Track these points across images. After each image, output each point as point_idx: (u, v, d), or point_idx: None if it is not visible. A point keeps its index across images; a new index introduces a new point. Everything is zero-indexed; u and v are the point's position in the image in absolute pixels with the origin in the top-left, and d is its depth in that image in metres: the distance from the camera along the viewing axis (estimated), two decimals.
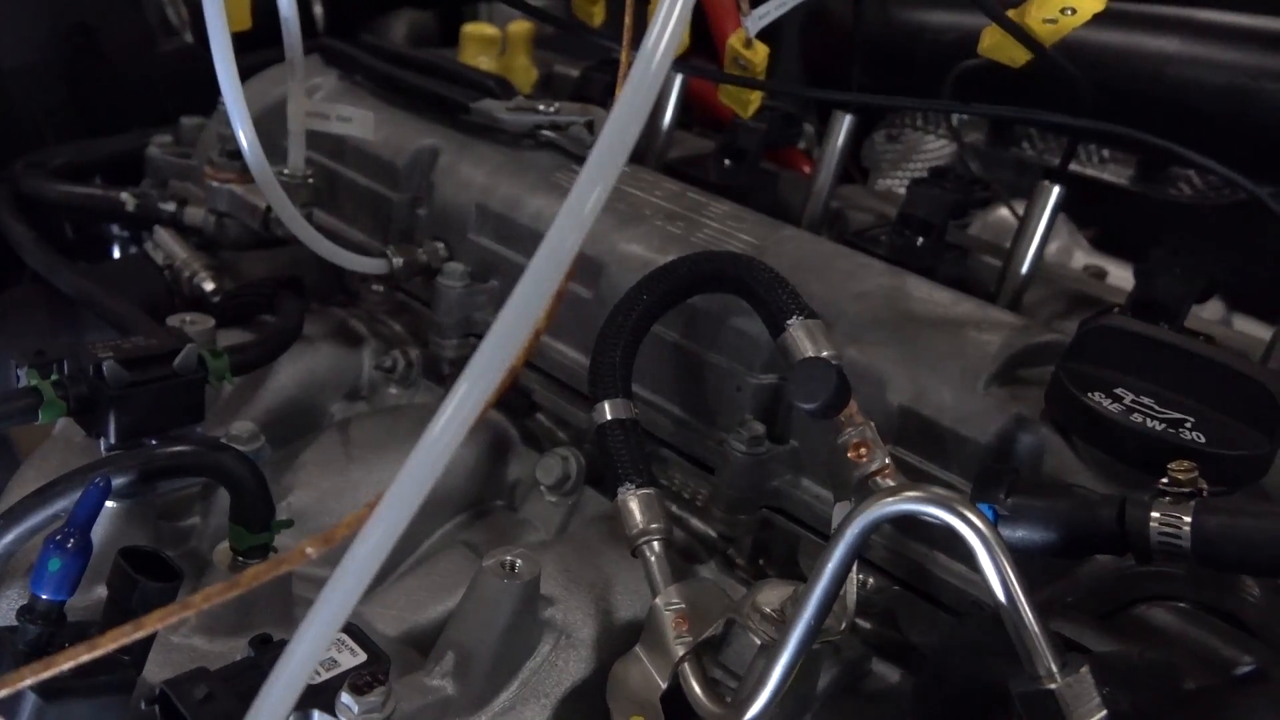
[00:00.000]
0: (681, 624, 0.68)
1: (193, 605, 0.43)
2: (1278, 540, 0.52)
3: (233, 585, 0.44)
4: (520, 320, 0.43)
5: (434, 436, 0.43)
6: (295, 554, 0.44)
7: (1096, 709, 0.52)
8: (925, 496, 0.55)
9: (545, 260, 0.43)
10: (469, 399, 0.43)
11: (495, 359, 0.43)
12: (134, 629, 0.43)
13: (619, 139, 0.43)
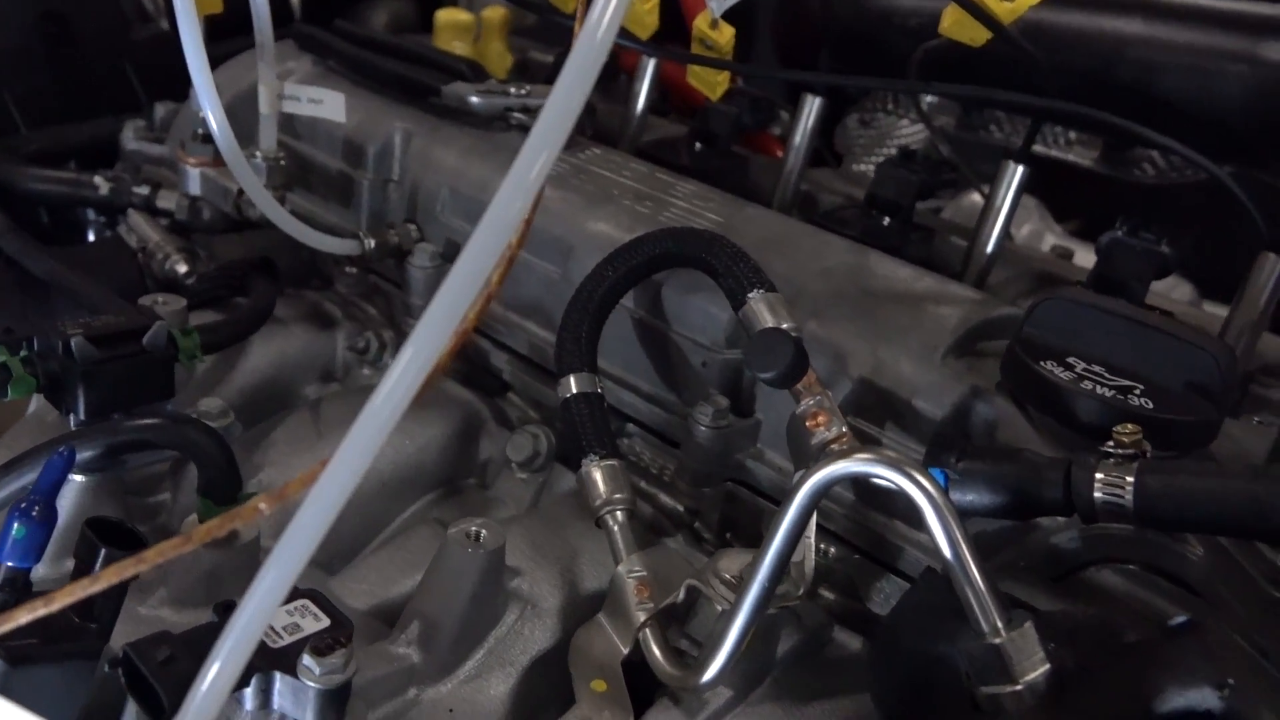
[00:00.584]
0: (643, 591, 0.69)
1: (147, 560, 0.44)
2: (1216, 497, 0.54)
3: (186, 540, 0.45)
4: (468, 281, 0.44)
5: (383, 396, 0.44)
6: (248, 509, 0.45)
7: (1040, 662, 0.53)
8: (875, 458, 0.56)
9: (491, 225, 0.44)
10: (417, 359, 0.44)
11: (443, 320, 0.44)
12: (90, 583, 0.44)
13: (565, 105, 0.44)
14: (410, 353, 0.44)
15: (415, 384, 0.44)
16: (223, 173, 1.06)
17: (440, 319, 0.44)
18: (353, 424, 0.44)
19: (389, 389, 0.44)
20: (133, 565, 0.44)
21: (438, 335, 0.44)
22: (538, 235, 0.94)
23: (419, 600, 0.71)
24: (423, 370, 0.44)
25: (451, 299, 0.44)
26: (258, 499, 0.45)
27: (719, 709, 0.67)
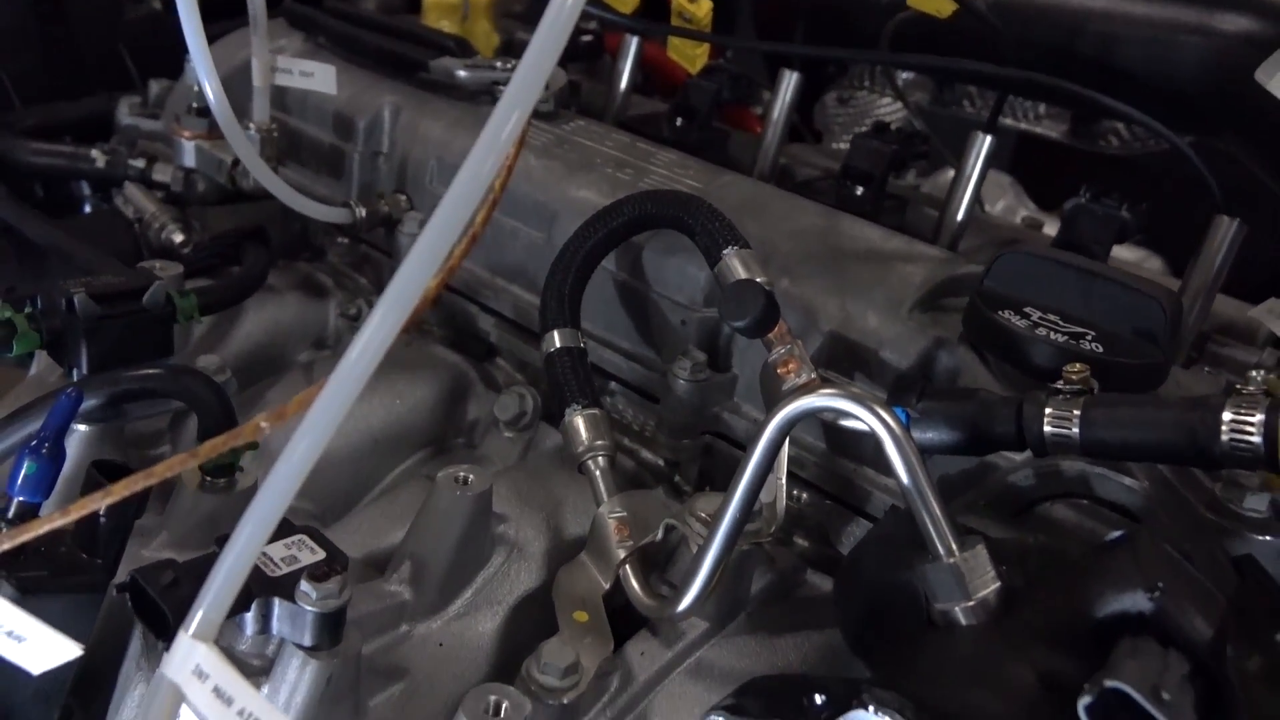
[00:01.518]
0: (623, 530, 0.73)
1: (156, 474, 0.48)
2: (1154, 425, 0.58)
3: (192, 455, 0.48)
4: (454, 216, 0.48)
5: (376, 321, 0.47)
6: (250, 427, 0.48)
7: (991, 580, 0.57)
8: (839, 393, 0.60)
9: (466, 180, 0.47)
10: (409, 286, 0.47)
11: (432, 251, 0.47)
12: (104, 495, 0.47)
13: (536, 65, 0.47)
14: (402, 280, 0.47)
15: (409, 308, 0.48)
16: (217, 145, 1.09)
17: (429, 250, 0.47)
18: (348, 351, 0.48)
19: (384, 311, 0.47)
20: (142, 479, 0.47)
21: (427, 266, 0.47)
22: (522, 201, 0.97)
23: (410, 542, 0.74)
24: (413, 299, 0.48)
25: (440, 230, 0.47)
26: (260, 417, 0.49)
27: (695, 640, 0.71)
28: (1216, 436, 0.56)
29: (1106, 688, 0.46)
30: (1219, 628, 0.48)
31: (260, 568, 0.62)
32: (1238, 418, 0.55)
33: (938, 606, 0.58)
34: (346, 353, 0.47)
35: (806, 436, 0.82)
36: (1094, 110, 1.15)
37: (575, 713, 0.63)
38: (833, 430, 0.80)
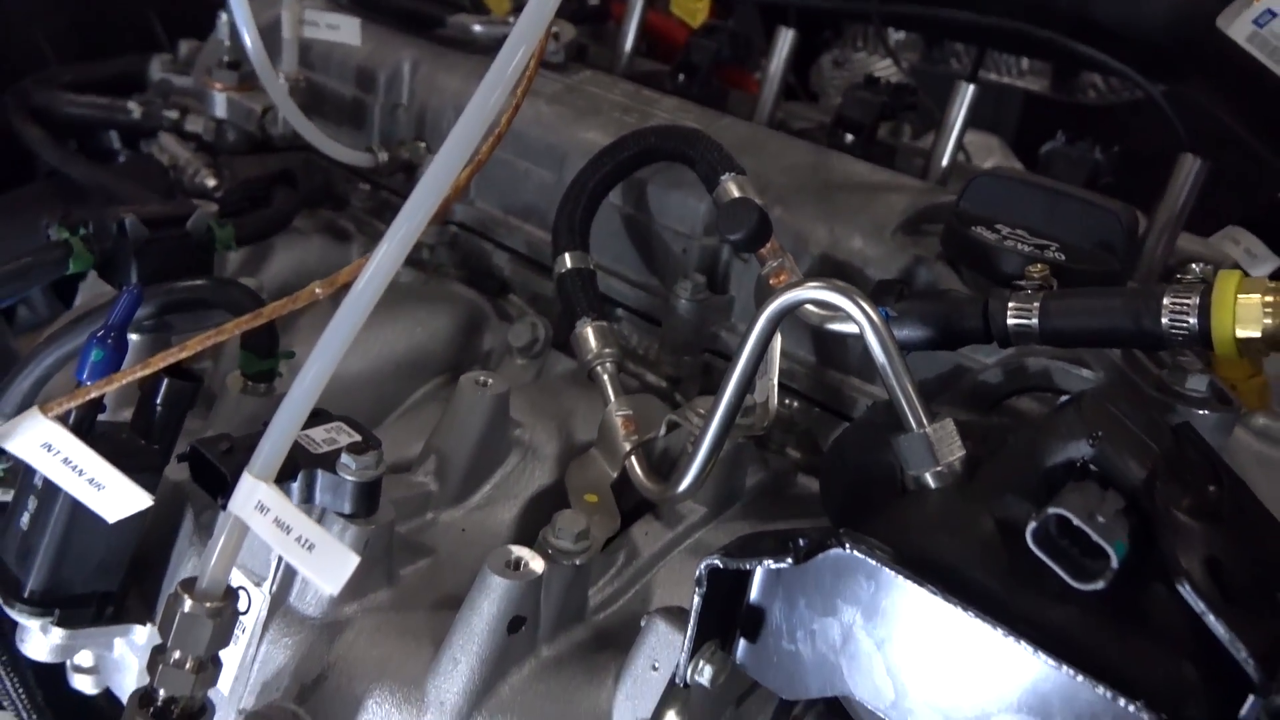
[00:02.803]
0: (629, 425, 0.80)
1: (225, 332, 0.55)
2: (1103, 311, 0.65)
3: (257, 316, 0.55)
4: (470, 131, 0.55)
5: (411, 208, 0.55)
6: (306, 292, 0.56)
7: (958, 449, 0.64)
8: (824, 285, 0.67)
9: (475, 110, 0.54)
10: (432, 188, 0.54)
11: (451, 161, 0.54)
12: (179, 350, 0.54)
13: (541, 7, 0.54)
14: (426, 181, 0.54)
15: (437, 199, 0.55)
16: (246, 96, 1.16)
17: (450, 159, 0.54)
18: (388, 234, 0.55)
19: (414, 204, 0.55)
20: (214, 336, 0.54)
21: (447, 173, 0.54)
22: (534, 144, 1.04)
23: (436, 439, 0.81)
24: (439, 193, 0.55)
25: (459, 141, 0.54)
26: (314, 284, 0.56)
27: (694, 523, 0.78)
28: (1158, 319, 0.63)
29: (1049, 514, 0.53)
30: (1151, 471, 0.55)
31: (304, 445, 0.69)
32: (1176, 300, 0.62)
33: (909, 473, 0.65)
34: (387, 234, 0.54)
35: (799, 351, 0.89)
36: (1073, 61, 1.22)
37: (586, 578, 0.71)
38: (821, 343, 0.87)
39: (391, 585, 0.71)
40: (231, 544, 0.56)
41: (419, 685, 0.65)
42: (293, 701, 0.66)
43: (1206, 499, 0.57)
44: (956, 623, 0.55)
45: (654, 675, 0.65)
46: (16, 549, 0.71)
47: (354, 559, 0.54)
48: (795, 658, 0.63)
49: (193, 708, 0.57)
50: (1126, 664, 0.52)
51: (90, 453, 0.59)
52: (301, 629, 0.68)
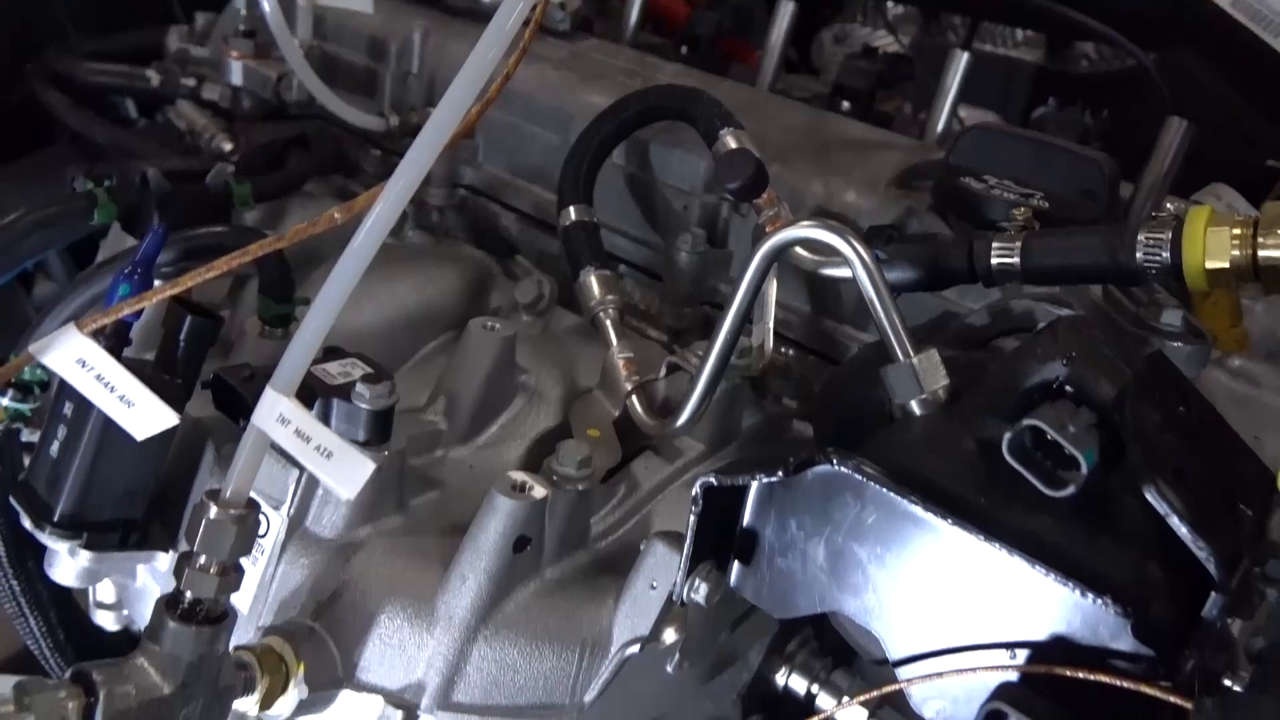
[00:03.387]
0: (630, 367, 0.83)
1: (250, 253, 0.58)
2: (1085, 249, 0.68)
3: (280, 239, 0.59)
4: (470, 84, 0.58)
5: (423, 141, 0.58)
6: (325, 218, 0.59)
7: (943, 378, 0.67)
8: (817, 224, 0.70)
9: (477, 59, 0.58)
10: (441, 125, 0.58)
11: (455, 107, 0.58)
12: (206, 270, 0.58)
13: None
14: (437, 119, 0.58)
15: (455, 120, 0.58)
16: (262, 64, 1.20)
17: (453, 105, 0.58)
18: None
19: (429, 133, 0.58)
20: (239, 257, 0.58)
21: (452, 117, 0.58)
22: (540, 108, 1.08)
23: (446, 380, 0.85)
24: (449, 127, 0.58)
25: (462, 90, 0.57)
26: (333, 210, 0.59)
27: (692, 459, 0.81)
28: (1133, 253, 0.66)
29: (1024, 426, 0.56)
30: (1121, 390, 0.58)
31: (320, 377, 0.72)
32: (1150, 235, 0.65)
33: (896, 401, 0.68)
34: (398, 168, 0.58)
35: (794, 301, 0.92)
36: (1066, 30, 1.25)
37: (588, 504, 0.74)
38: (816, 291, 0.90)
39: (402, 512, 0.75)
40: (254, 456, 0.59)
41: (429, 601, 0.69)
42: (309, 618, 0.70)
43: (1175, 417, 0.60)
44: (937, 533, 0.58)
45: (652, 594, 0.69)
46: (47, 476, 0.74)
47: (370, 465, 0.58)
48: (786, 577, 0.66)
49: (216, 611, 0.61)
50: (1096, 565, 0.55)
51: (121, 370, 0.62)
52: (317, 550, 0.72)
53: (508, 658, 0.69)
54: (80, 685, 0.57)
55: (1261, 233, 0.61)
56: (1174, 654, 0.54)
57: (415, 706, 0.68)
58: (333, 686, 0.68)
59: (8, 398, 0.84)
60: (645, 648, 0.69)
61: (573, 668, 0.70)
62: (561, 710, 0.70)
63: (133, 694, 0.58)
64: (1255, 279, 0.62)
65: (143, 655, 0.60)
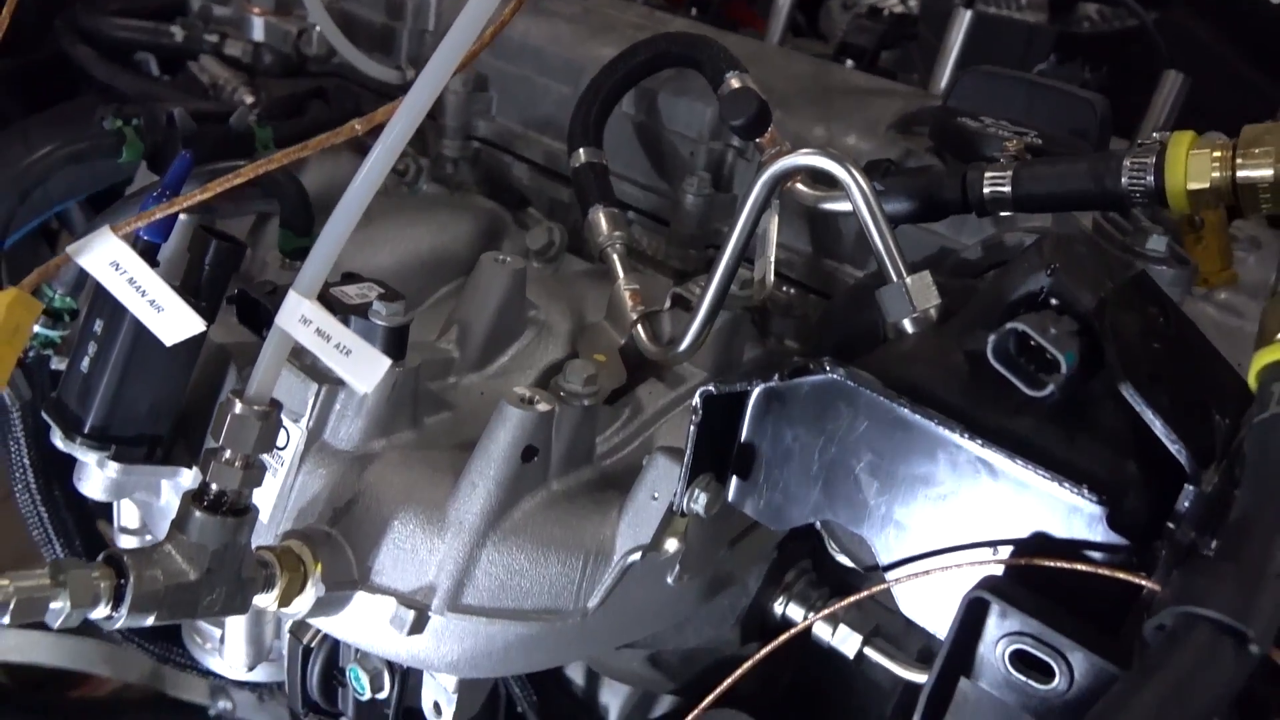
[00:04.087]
0: (637, 299, 0.86)
1: (275, 161, 0.61)
2: (1072, 176, 0.70)
3: (303, 148, 0.62)
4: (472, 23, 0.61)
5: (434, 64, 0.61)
6: (346, 128, 0.62)
7: (935, 297, 0.70)
8: (816, 152, 0.73)
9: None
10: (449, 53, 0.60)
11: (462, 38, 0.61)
12: (235, 175, 0.61)
13: None
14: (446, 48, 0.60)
15: (467, 45, 0.61)
16: (283, 20, 1.23)
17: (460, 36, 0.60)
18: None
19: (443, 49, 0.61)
20: (265, 164, 0.61)
21: (458, 49, 0.60)
22: (551, 60, 1.11)
23: (458, 310, 0.88)
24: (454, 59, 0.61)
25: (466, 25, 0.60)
26: (353, 121, 0.62)
27: (694, 385, 0.84)
28: (1119, 178, 0.68)
29: (1007, 329, 0.59)
30: (1101, 299, 0.61)
31: (338, 297, 0.76)
32: (1135, 160, 0.68)
33: (889, 321, 0.71)
34: (420, 75, 0.61)
35: (797, 243, 0.95)
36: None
37: (594, 420, 0.77)
38: (817, 231, 0.93)
39: (416, 428, 0.78)
40: (277, 355, 0.63)
41: (440, 508, 0.72)
42: (326, 524, 0.73)
43: (1155, 329, 0.63)
44: (924, 436, 0.61)
45: (654, 505, 0.72)
46: (77, 391, 0.78)
47: (385, 361, 0.61)
48: (782, 489, 0.69)
49: (240, 503, 0.64)
50: (1074, 461, 0.58)
51: (153, 275, 0.65)
52: (335, 461, 0.75)
53: (515, 563, 0.72)
54: (112, 567, 0.61)
55: (1240, 153, 0.64)
56: (1148, 545, 0.57)
57: (426, 608, 0.71)
58: (348, 588, 0.72)
59: (39, 324, 0.87)
60: (646, 557, 0.72)
61: (577, 574, 0.73)
62: (566, 615, 0.73)
63: (160, 578, 0.62)
64: (1234, 200, 0.64)
65: (170, 543, 0.63)
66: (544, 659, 0.76)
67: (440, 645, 0.72)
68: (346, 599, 0.72)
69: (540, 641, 0.74)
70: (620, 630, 0.79)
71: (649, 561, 0.73)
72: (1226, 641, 0.45)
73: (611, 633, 0.78)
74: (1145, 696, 0.46)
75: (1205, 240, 0.85)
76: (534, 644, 0.74)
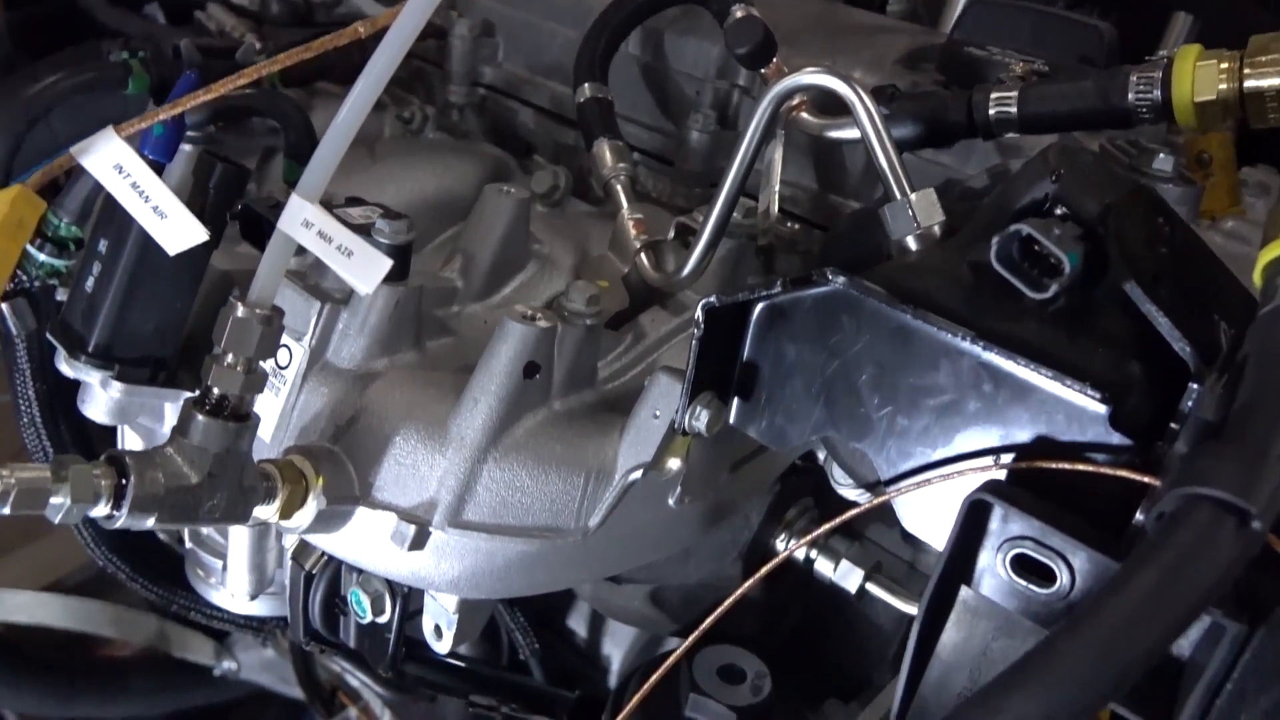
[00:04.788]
0: (640, 228, 0.86)
1: (279, 62, 0.61)
2: (1078, 94, 0.70)
3: (307, 49, 0.62)
4: None
5: None
6: (349, 30, 0.62)
7: (938, 214, 0.70)
8: (820, 70, 0.73)
9: None
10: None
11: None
12: (238, 76, 0.61)
13: None
14: None
15: None
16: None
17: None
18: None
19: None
20: (268, 65, 0.61)
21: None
22: (559, 3, 1.11)
23: (462, 240, 0.88)
24: None
25: None
26: (356, 24, 0.62)
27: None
28: (1125, 94, 0.68)
29: (1011, 231, 0.58)
30: (1106, 206, 0.60)
31: (342, 218, 0.76)
32: (1141, 75, 0.67)
33: (893, 239, 0.70)
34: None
35: (802, 179, 0.95)
36: None
37: (596, 341, 0.77)
38: (822, 167, 0.93)
39: (418, 350, 0.78)
40: (279, 258, 0.63)
41: (442, 424, 0.72)
42: (328, 441, 0.73)
43: (1160, 236, 0.63)
44: (928, 343, 0.61)
45: (655, 423, 0.72)
46: (82, 309, 0.78)
47: (387, 262, 0.61)
48: (784, 408, 0.69)
49: (241, 409, 0.64)
50: (1077, 361, 0.57)
51: (157, 180, 0.65)
52: (337, 379, 0.75)
53: (516, 479, 0.72)
54: (114, 466, 0.61)
55: (1247, 63, 0.63)
56: (1151, 446, 0.56)
57: (427, 523, 0.71)
58: (349, 503, 0.72)
59: (44, 253, 0.87)
60: (648, 476, 0.72)
61: (578, 492, 0.73)
62: (567, 533, 0.73)
63: (161, 480, 0.62)
64: (1242, 111, 0.64)
65: (171, 446, 0.63)
66: (545, 579, 0.76)
67: (441, 562, 0.73)
68: (347, 515, 0.72)
69: (541, 560, 0.74)
70: (622, 553, 0.79)
71: (650, 482, 0.73)
72: (1228, 520, 0.45)
73: (613, 555, 0.78)
74: (1144, 577, 0.46)
75: (1214, 176, 0.84)
76: (535, 562, 0.74)
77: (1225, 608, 0.51)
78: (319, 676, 1.52)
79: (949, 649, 0.61)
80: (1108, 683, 0.45)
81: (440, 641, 0.81)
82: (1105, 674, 0.45)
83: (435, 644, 0.82)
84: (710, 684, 0.86)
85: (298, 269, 0.78)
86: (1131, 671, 0.45)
